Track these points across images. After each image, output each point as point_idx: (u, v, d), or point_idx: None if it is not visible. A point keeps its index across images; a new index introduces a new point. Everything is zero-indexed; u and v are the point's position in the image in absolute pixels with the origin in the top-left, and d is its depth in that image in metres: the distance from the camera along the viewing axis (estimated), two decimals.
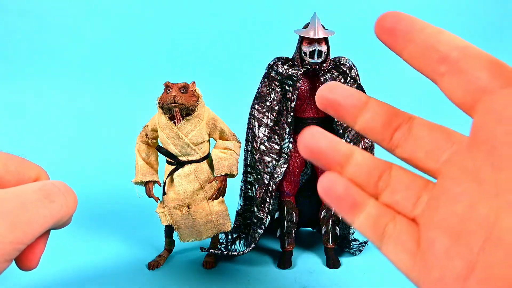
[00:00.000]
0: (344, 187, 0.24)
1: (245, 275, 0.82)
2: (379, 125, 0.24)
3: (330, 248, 0.87)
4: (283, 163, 0.85)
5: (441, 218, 0.20)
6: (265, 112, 0.86)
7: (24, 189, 0.27)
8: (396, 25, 0.24)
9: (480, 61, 0.21)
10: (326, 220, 0.87)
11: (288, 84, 0.83)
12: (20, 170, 0.30)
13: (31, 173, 0.31)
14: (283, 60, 0.85)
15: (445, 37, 0.22)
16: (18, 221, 0.26)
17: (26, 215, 0.26)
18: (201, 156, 0.81)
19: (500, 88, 0.20)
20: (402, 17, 0.24)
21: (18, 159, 0.30)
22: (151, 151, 0.85)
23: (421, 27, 0.23)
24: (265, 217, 0.84)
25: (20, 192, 0.27)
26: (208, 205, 0.83)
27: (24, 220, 0.26)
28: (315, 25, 0.80)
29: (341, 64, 0.84)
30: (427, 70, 0.23)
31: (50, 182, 0.29)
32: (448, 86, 0.21)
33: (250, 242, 0.86)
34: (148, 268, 0.84)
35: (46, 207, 0.27)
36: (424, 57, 0.23)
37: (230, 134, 0.84)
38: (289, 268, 0.85)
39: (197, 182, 0.82)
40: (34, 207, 0.27)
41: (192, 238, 0.85)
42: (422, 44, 0.23)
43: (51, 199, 0.28)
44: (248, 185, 0.90)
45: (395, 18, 0.24)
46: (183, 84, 0.77)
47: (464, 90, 0.21)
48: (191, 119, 0.78)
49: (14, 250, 0.26)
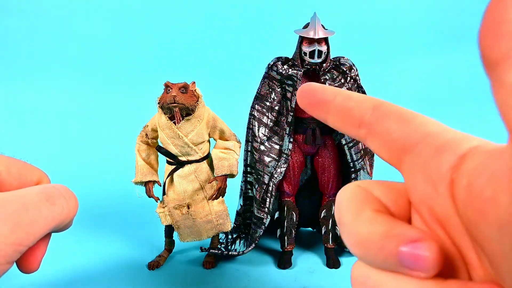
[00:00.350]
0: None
1: (245, 275, 0.82)
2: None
3: (330, 248, 0.87)
4: (283, 163, 0.85)
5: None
6: (265, 112, 0.86)
7: (26, 192, 0.27)
8: (311, 100, 0.24)
9: (390, 120, 0.21)
10: (326, 220, 0.87)
11: (288, 84, 0.83)
12: (22, 173, 0.30)
13: (33, 176, 0.31)
14: (283, 60, 0.85)
15: (355, 101, 0.23)
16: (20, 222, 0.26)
17: (27, 217, 0.26)
18: (201, 156, 0.81)
19: (416, 144, 0.20)
20: (314, 90, 0.24)
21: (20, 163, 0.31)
22: (151, 151, 0.85)
23: (332, 96, 0.24)
24: (265, 217, 0.84)
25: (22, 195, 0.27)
26: (208, 205, 0.83)
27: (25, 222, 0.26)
28: (315, 25, 0.80)
29: (341, 64, 0.84)
30: (352, 134, 0.23)
31: (52, 185, 0.30)
32: (374, 147, 0.22)
33: (250, 242, 0.86)
34: (148, 268, 0.84)
35: (47, 209, 0.27)
36: (345, 123, 0.23)
37: (230, 134, 0.84)
38: (289, 268, 0.85)
39: (197, 182, 0.82)
40: (36, 209, 0.27)
41: (192, 238, 0.85)
42: (338, 113, 0.23)
43: (53, 201, 0.28)
44: (248, 185, 0.90)
45: (308, 93, 0.25)
46: (183, 84, 0.77)
47: (387, 151, 0.21)
48: (191, 119, 0.78)
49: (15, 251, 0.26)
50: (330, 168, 0.87)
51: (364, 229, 0.20)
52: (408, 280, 0.19)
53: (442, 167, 0.18)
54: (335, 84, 0.82)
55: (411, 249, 0.18)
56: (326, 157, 0.87)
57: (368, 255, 0.20)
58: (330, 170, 0.87)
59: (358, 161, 0.83)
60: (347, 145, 0.82)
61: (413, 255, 0.18)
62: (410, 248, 0.18)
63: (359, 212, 0.21)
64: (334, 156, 0.87)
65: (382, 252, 0.19)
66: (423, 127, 0.20)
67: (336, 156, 0.87)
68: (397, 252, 0.18)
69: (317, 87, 0.24)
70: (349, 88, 0.83)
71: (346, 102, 0.23)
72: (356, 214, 0.21)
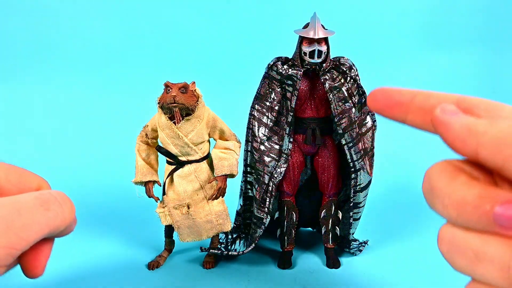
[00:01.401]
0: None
1: (245, 275, 0.82)
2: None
3: (330, 248, 0.87)
4: (283, 163, 0.85)
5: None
6: (265, 112, 0.86)
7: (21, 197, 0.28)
8: (388, 102, 0.25)
9: (480, 110, 0.23)
10: (326, 220, 0.87)
11: (288, 84, 0.83)
12: (21, 180, 0.30)
13: (32, 183, 0.31)
14: (283, 60, 0.85)
15: (436, 98, 0.24)
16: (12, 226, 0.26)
17: (20, 221, 0.26)
18: (201, 156, 0.82)
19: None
20: (390, 92, 0.26)
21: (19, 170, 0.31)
22: (151, 151, 0.85)
23: (410, 96, 0.25)
24: (265, 217, 0.84)
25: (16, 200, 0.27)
26: (208, 205, 0.83)
27: (18, 225, 0.26)
28: (315, 25, 0.79)
29: (341, 64, 0.84)
30: (432, 130, 0.24)
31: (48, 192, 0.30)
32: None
33: (250, 242, 0.86)
34: (148, 268, 0.84)
35: (41, 214, 0.27)
36: (426, 121, 0.24)
37: (230, 134, 0.84)
38: (289, 268, 0.85)
39: (197, 182, 0.82)
40: (29, 213, 0.27)
41: (192, 238, 0.85)
42: (419, 112, 0.24)
43: (47, 207, 0.28)
44: (248, 185, 0.90)
45: (384, 96, 0.26)
46: (183, 84, 0.77)
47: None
48: (191, 119, 0.78)
49: (7, 255, 0.26)
50: (330, 168, 0.87)
51: (460, 190, 0.21)
52: (493, 240, 0.20)
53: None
54: (335, 84, 0.82)
55: (506, 209, 0.19)
56: (326, 157, 0.87)
57: (463, 215, 0.21)
58: (330, 170, 0.87)
59: (358, 161, 0.83)
60: (347, 145, 0.82)
61: (508, 215, 0.19)
62: (505, 208, 0.19)
63: (454, 176, 0.22)
64: (334, 156, 0.87)
65: (477, 211, 0.20)
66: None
67: (336, 156, 0.87)
68: (493, 211, 0.20)
69: (392, 90, 0.26)
70: (349, 88, 0.83)
71: (427, 100, 0.24)
72: (451, 178, 0.22)
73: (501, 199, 0.20)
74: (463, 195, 0.21)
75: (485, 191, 0.21)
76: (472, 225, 0.21)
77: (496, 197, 0.20)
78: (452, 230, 0.22)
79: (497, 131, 0.20)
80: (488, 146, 0.21)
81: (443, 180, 0.22)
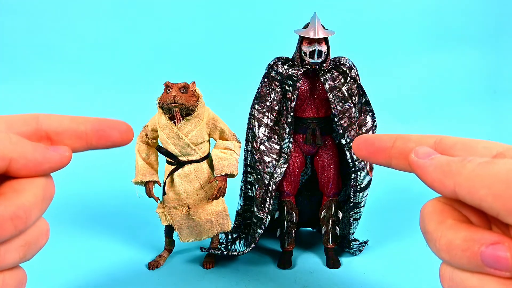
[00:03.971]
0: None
1: (245, 275, 0.82)
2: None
3: (330, 248, 0.87)
4: (283, 163, 0.85)
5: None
6: (265, 112, 0.86)
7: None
8: (370, 150, 0.26)
9: (457, 150, 0.24)
10: (326, 220, 0.87)
11: (288, 84, 0.83)
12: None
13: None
14: (283, 60, 0.85)
15: (414, 141, 0.25)
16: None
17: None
18: (201, 156, 0.81)
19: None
20: (371, 140, 0.27)
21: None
22: (151, 151, 0.85)
23: (390, 142, 0.26)
24: (265, 217, 0.84)
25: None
26: (208, 205, 0.83)
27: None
28: (315, 25, 0.80)
29: (341, 64, 0.84)
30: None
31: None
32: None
33: (250, 242, 0.87)
34: (148, 268, 0.84)
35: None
36: (408, 165, 0.25)
37: (230, 134, 0.84)
38: (289, 268, 0.85)
39: (197, 182, 0.82)
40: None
41: (192, 238, 0.85)
42: (400, 156, 0.25)
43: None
44: (248, 185, 0.90)
45: (365, 144, 0.27)
46: (183, 84, 0.77)
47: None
48: (191, 119, 0.78)
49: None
50: (330, 168, 0.87)
51: (448, 235, 0.22)
52: (490, 280, 0.20)
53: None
54: (335, 84, 0.82)
55: (492, 250, 0.20)
56: (326, 157, 0.87)
57: (454, 257, 0.21)
58: (330, 170, 0.87)
59: (358, 161, 0.83)
60: (347, 145, 0.82)
61: (494, 255, 0.20)
62: (491, 249, 0.20)
63: (442, 220, 0.23)
64: (334, 156, 0.87)
65: (466, 254, 0.21)
66: (488, 150, 0.23)
67: (336, 156, 0.87)
68: (480, 252, 0.20)
69: (372, 137, 0.27)
70: (349, 88, 0.83)
71: (406, 144, 0.25)
72: (439, 222, 0.23)
73: (487, 241, 0.20)
74: (451, 239, 0.22)
75: (472, 233, 0.21)
76: (465, 267, 0.21)
77: (482, 239, 0.20)
78: (450, 269, 0.23)
79: (470, 171, 0.21)
80: (464, 187, 0.21)
81: (432, 224, 0.23)
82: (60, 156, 0.28)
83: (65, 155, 0.29)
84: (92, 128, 0.30)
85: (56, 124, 0.29)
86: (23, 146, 0.26)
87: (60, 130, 0.29)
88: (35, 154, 0.26)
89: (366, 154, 0.26)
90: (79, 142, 0.30)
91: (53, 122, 0.29)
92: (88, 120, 0.30)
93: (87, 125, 0.30)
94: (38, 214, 0.26)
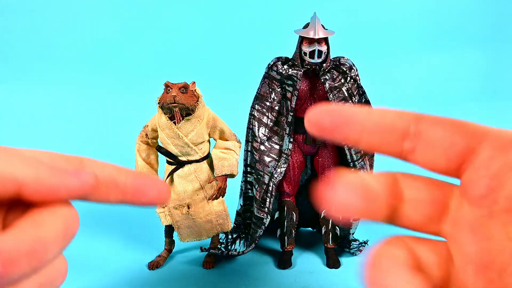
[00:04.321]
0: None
1: (245, 275, 0.82)
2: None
3: (330, 248, 0.87)
4: (283, 163, 0.85)
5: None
6: (265, 112, 0.86)
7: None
8: (337, 120, 0.21)
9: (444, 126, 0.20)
10: (326, 220, 0.87)
11: (288, 84, 0.83)
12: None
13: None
14: (283, 60, 0.85)
15: (393, 115, 0.21)
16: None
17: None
18: (201, 156, 0.82)
19: (478, 144, 0.19)
20: (338, 109, 0.21)
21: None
22: (151, 151, 0.85)
23: (364, 113, 0.21)
24: (265, 217, 0.84)
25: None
26: (208, 205, 0.83)
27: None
28: (315, 25, 0.80)
29: (341, 64, 0.84)
30: (393, 150, 0.21)
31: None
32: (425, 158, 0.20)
33: (250, 242, 0.86)
34: (148, 268, 0.84)
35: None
36: (385, 140, 0.21)
37: (230, 134, 0.84)
38: (289, 268, 0.85)
39: (197, 182, 0.82)
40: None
41: (192, 238, 0.85)
42: (375, 129, 0.21)
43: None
44: (248, 185, 0.90)
45: (331, 114, 0.21)
46: (183, 84, 0.77)
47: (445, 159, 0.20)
48: (191, 119, 0.78)
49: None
50: (330, 168, 0.87)
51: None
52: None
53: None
54: (335, 84, 0.82)
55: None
56: (326, 157, 0.87)
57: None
58: (330, 170, 0.87)
59: (358, 161, 0.83)
60: (347, 145, 0.82)
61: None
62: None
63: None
64: (334, 156, 0.87)
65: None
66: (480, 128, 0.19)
67: (336, 156, 0.87)
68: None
69: (338, 107, 0.21)
70: (349, 88, 0.83)
71: (383, 116, 0.21)
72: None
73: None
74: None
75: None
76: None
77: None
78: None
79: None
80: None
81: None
82: (80, 183, 0.25)
83: (86, 182, 0.26)
84: (133, 182, 0.28)
85: (99, 169, 0.28)
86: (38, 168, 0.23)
87: (101, 176, 0.27)
88: (51, 178, 0.24)
89: (330, 125, 0.21)
90: (115, 191, 0.28)
91: (96, 167, 0.28)
92: (129, 173, 0.28)
93: (128, 177, 0.28)
94: (57, 251, 0.24)
